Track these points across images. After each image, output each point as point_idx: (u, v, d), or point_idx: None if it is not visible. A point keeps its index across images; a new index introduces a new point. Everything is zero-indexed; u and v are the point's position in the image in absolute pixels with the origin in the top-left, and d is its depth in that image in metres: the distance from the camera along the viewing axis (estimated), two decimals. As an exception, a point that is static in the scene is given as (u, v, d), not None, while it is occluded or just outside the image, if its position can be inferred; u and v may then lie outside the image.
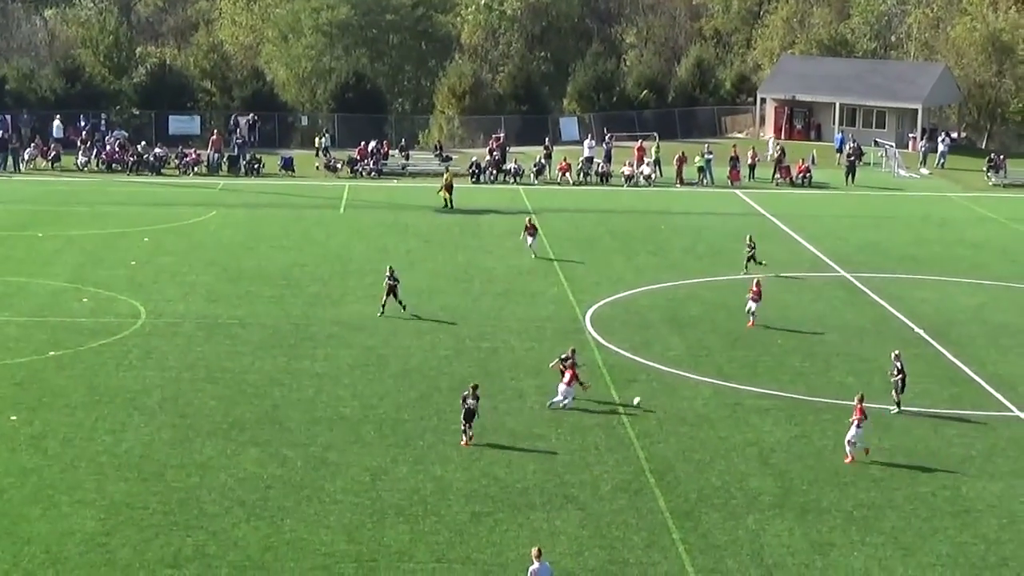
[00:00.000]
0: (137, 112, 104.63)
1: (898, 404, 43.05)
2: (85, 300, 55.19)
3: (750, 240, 61.85)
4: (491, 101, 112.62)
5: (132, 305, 54.34)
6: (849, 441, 39.02)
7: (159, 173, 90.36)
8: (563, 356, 43.71)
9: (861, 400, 39.70)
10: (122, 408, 41.88)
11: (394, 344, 49.29)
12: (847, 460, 38.85)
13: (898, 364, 43.11)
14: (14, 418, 40.71)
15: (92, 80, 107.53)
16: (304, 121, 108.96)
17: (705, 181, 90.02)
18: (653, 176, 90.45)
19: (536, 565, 29.31)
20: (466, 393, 40.04)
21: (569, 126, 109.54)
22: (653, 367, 47.34)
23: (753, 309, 52.70)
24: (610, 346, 49.56)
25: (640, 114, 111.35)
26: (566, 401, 42.80)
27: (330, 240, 68.49)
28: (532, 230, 65.61)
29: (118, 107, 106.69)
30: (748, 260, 61.40)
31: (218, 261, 63.06)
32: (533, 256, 64.35)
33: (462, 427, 39.71)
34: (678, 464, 38.29)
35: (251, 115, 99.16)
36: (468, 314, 53.99)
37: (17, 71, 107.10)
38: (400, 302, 52.76)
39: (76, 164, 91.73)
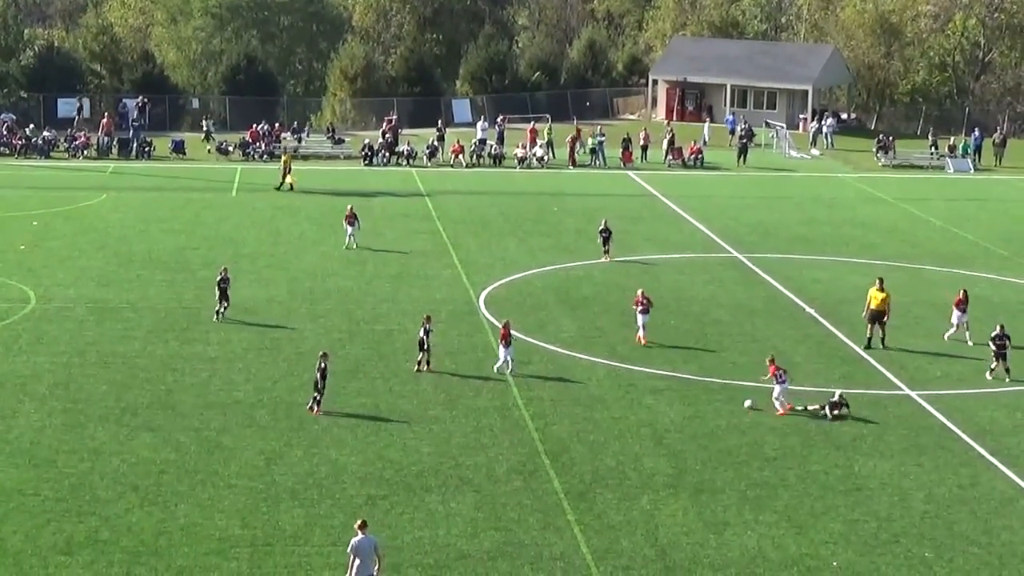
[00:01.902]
0: (25, 95, 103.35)
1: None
2: (-27, 285, 54.54)
3: (605, 224, 61.52)
4: (383, 83, 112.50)
5: (21, 290, 53.71)
6: (776, 398, 41.43)
7: (48, 156, 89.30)
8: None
9: (772, 361, 41.95)
10: (12, 394, 41.39)
11: (288, 327, 49.08)
12: (780, 413, 41.19)
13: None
14: (-99, 405, 40.20)
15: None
16: (195, 104, 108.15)
17: (597, 163, 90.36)
18: (546, 158, 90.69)
19: (360, 536, 28.93)
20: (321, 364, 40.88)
21: (461, 108, 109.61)
22: (547, 348, 47.48)
23: (644, 322, 48.84)
24: (504, 328, 49.64)
25: (532, 96, 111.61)
26: (505, 361, 44.30)
27: (222, 223, 68.04)
28: (352, 218, 62.84)
29: (5, 90, 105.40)
30: (604, 244, 60.98)
31: (109, 245, 62.47)
32: (352, 247, 62.12)
33: (314, 395, 40.59)
34: (573, 445, 38.46)
35: (141, 97, 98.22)
36: (362, 296, 53.87)
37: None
38: (222, 311, 49.75)
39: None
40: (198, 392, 42.06)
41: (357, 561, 28.73)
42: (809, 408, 41.42)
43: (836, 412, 41.17)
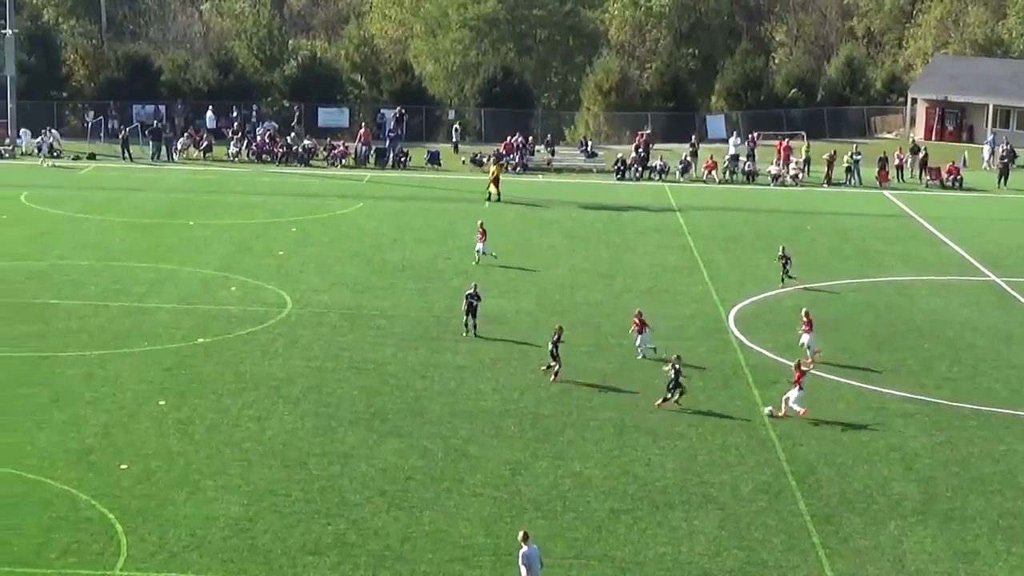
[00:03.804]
0: (287, 104, 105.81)
1: None
2: (233, 288, 55.98)
3: (783, 251, 59.26)
4: (637, 98, 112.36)
5: (279, 294, 55.02)
6: (785, 398, 41.76)
7: (307, 164, 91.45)
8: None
9: (799, 367, 42.09)
10: (267, 396, 42.42)
11: (535, 339, 49.27)
12: (780, 414, 41.61)
13: None
14: (163, 403, 41.43)
15: (244, 72, 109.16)
16: (451, 115, 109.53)
17: (853, 181, 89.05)
18: (800, 175, 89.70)
19: (525, 548, 29.20)
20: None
21: (716, 124, 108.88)
22: (796, 368, 46.89)
23: (807, 342, 47.57)
24: (753, 346, 49.23)
25: (788, 112, 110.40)
26: (643, 346, 47.37)
27: (474, 234, 68.55)
28: (483, 235, 61.93)
29: (269, 99, 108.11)
30: (784, 273, 58.54)
31: (363, 253, 63.62)
32: (477, 262, 61.25)
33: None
34: (819, 467, 37.95)
35: (398, 108, 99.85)
36: (610, 311, 53.87)
37: (172, 62, 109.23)
38: (474, 324, 49.80)
39: (227, 154, 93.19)
40: (446, 400, 42.56)
41: (526, 570, 29.15)
42: None
43: None
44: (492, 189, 78.40)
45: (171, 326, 50.03)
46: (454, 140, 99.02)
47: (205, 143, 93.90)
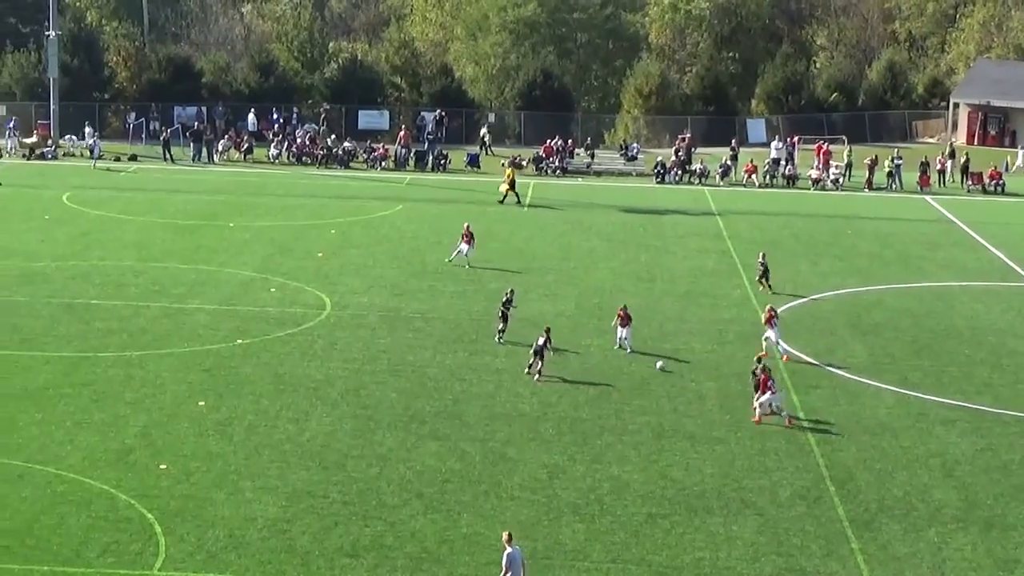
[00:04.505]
0: (328, 106, 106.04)
1: None
2: (273, 290, 56.11)
3: (763, 258, 59.06)
4: (678, 101, 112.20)
5: (318, 296, 55.12)
6: (760, 403, 41.55)
7: (347, 166, 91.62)
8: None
9: (764, 368, 42.33)
10: (305, 397, 42.51)
11: (574, 342, 49.27)
12: (754, 420, 41.41)
13: None
14: (202, 403, 41.57)
15: (285, 74, 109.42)
16: (491, 118, 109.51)
17: (894, 186, 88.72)
18: (841, 180, 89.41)
19: (509, 550, 29.22)
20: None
21: (756, 128, 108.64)
22: (835, 373, 46.78)
23: (771, 336, 48.21)
24: (792, 351, 49.04)
25: (829, 117, 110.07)
26: (623, 339, 48.45)
27: (513, 237, 68.72)
28: (468, 237, 61.63)
29: (309, 101, 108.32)
30: (761, 279, 58.21)
31: (402, 255, 63.69)
32: (466, 266, 60.84)
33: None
34: (859, 473, 37.80)
35: (438, 111, 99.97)
36: (649, 314, 53.75)
37: (214, 64, 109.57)
38: (502, 331, 49.28)
39: (267, 156, 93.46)
40: (484, 403, 42.56)
41: (510, 573, 29.13)
42: None
43: None
44: (503, 188, 78.48)
45: (211, 327, 50.20)
46: (487, 143, 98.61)
47: (246, 145, 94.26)
